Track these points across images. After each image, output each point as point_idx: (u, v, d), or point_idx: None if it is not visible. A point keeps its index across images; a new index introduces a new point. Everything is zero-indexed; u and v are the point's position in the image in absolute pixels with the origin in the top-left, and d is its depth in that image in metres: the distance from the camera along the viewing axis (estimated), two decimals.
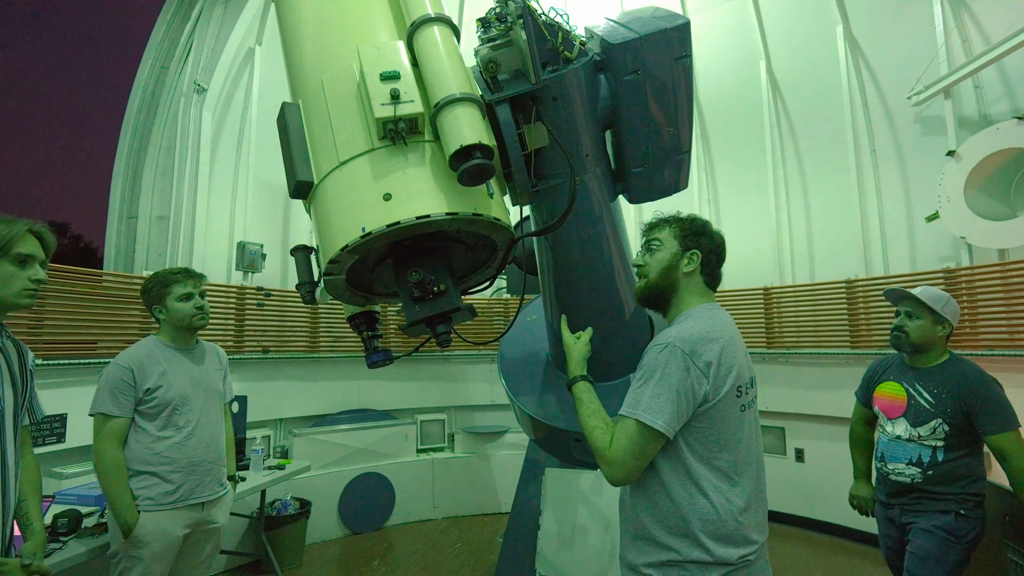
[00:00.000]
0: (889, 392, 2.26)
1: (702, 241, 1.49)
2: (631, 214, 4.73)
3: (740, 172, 5.27)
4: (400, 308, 1.40)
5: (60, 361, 3.12)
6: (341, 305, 1.79)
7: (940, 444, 2.07)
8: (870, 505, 2.36)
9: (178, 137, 4.35)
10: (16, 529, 1.54)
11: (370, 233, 1.21)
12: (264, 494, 3.65)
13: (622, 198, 1.94)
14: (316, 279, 1.46)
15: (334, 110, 1.34)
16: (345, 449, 4.51)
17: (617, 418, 1.34)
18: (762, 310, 4.76)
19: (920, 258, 4.23)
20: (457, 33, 1.43)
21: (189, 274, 2.26)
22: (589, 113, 1.63)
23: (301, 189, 1.35)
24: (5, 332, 1.53)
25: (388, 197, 1.23)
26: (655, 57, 1.59)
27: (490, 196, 1.34)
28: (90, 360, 3.22)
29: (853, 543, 4.08)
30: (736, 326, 1.46)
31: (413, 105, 1.25)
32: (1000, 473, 2.05)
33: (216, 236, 4.49)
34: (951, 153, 3.82)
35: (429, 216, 1.22)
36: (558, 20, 1.53)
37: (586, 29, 1.72)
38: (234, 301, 4.27)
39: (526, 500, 2.69)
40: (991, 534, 2.15)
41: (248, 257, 4.40)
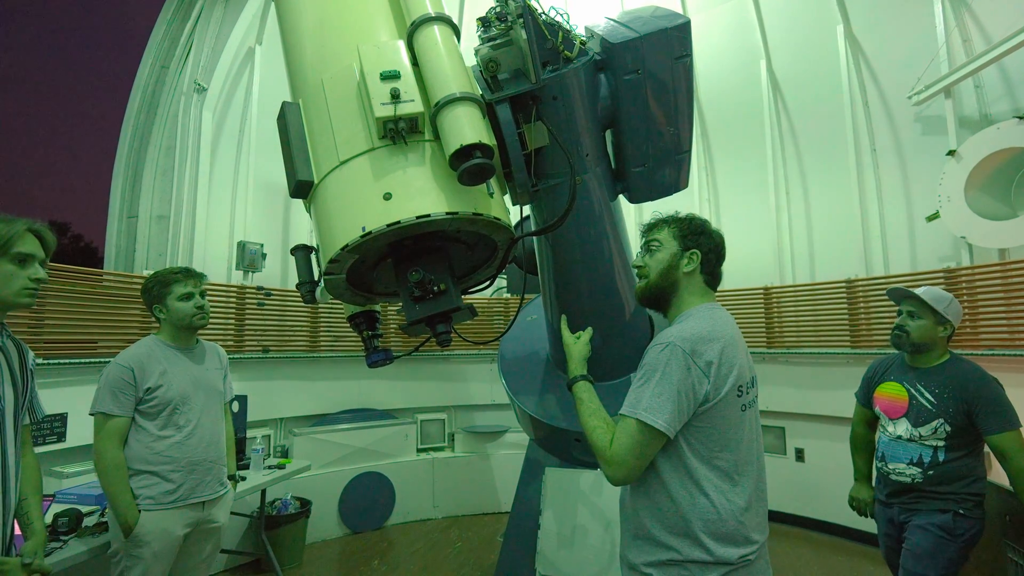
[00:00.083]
0: (890, 392, 2.26)
1: (701, 240, 1.49)
2: (631, 214, 4.72)
3: (740, 172, 5.26)
4: (400, 307, 1.40)
5: (60, 360, 3.12)
6: (341, 304, 1.79)
7: (941, 444, 2.07)
8: (869, 508, 2.36)
9: (178, 137, 4.36)
10: (17, 528, 1.54)
11: (370, 232, 1.21)
12: (264, 493, 3.65)
13: (622, 198, 1.94)
14: (316, 278, 1.46)
15: (334, 109, 1.34)
16: (345, 448, 4.51)
17: (618, 417, 1.34)
18: (762, 310, 4.76)
19: (920, 258, 4.22)
20: (457, 32, 1.43)
21: (189, 273, 2.26)
22: (589, 112, 1.63)
23: (301, 188, 1.35)
24: (5, 331, 1.53)
25: (388, 196, 1.23)
26: (655, 56, 1.59)
27: (490, 196, 1.34)
28: (90, 360, 3.23)
29: (853, 543, 4.08)
30: (737, 326, 1.46)
31: (413, 104, 1.25)
32: (1000, 473, 2.06)
33: (216, 236, 4.49)
34: (951, 153, 3.82)
35: (429, 215, 1.22)
36: (558, 19, 1.53)
37: (586, 28, 1.72)
38: (234, 300, 4.27)
39: (526, 499, 2.68)
40: (991, 534, 2.15)
41: (248, 256, 4.40)
